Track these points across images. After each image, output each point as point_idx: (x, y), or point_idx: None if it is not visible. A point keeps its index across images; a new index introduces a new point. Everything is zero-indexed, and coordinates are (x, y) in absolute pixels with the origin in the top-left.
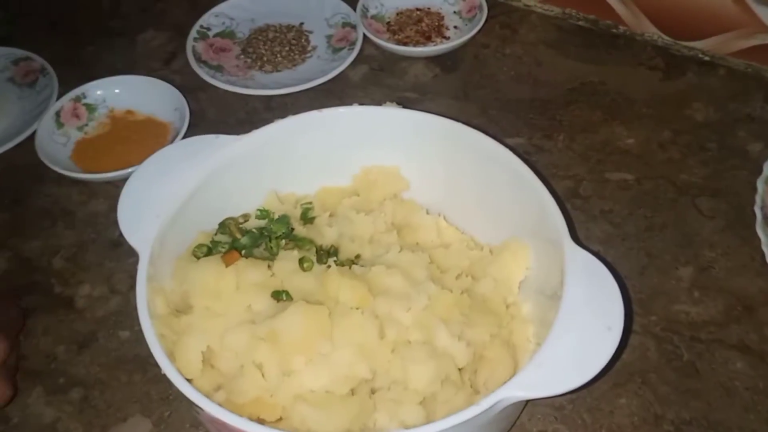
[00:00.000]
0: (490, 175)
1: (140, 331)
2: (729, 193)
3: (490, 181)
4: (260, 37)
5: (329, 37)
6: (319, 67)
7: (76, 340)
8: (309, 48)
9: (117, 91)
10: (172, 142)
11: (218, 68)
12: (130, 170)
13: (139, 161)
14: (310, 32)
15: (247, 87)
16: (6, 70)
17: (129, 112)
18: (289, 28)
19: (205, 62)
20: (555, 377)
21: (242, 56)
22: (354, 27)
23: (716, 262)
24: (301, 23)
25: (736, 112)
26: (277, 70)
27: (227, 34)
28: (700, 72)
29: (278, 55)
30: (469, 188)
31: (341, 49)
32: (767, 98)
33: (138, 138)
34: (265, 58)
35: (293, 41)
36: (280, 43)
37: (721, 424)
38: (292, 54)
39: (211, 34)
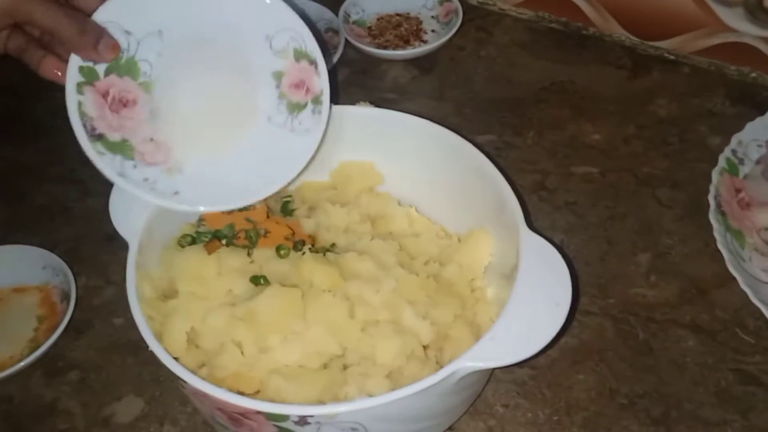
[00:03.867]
0: (458, 169)
1: (133, 318)
2: (688, 184)
3: (458, 175)
4: None
5: None
6: None
7: (73, 326)
8: None
9: None
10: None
11: None
12: None
13: None
14: None
15: None
16: None
17: None
18: None
19: None
20: (507, 349)
21: None
22: (337, 32)
23: (673, 248)
24: None
25: (698, 108)
26: None
27: None
28: (664, 70)
29: None
30: (439, 181)
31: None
32: (728, 94)
33: None
34: None
35: None
36: None
37: (671, 397)
38: None
39: None
